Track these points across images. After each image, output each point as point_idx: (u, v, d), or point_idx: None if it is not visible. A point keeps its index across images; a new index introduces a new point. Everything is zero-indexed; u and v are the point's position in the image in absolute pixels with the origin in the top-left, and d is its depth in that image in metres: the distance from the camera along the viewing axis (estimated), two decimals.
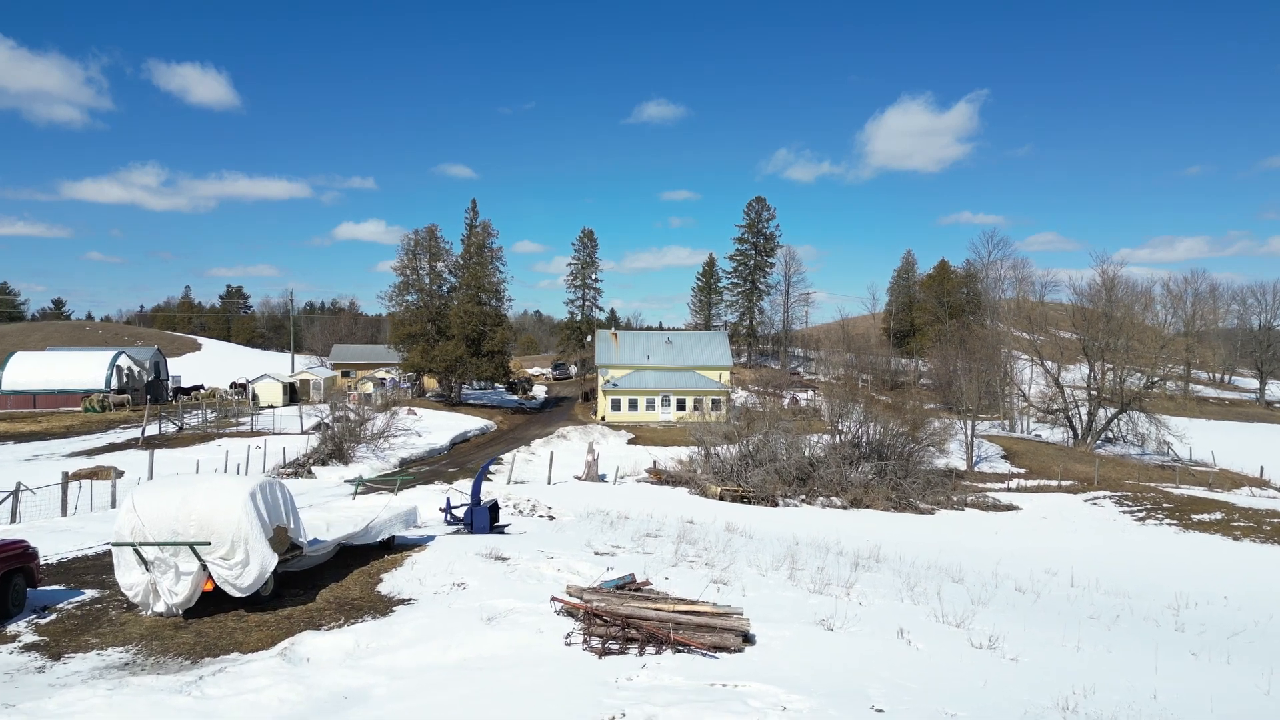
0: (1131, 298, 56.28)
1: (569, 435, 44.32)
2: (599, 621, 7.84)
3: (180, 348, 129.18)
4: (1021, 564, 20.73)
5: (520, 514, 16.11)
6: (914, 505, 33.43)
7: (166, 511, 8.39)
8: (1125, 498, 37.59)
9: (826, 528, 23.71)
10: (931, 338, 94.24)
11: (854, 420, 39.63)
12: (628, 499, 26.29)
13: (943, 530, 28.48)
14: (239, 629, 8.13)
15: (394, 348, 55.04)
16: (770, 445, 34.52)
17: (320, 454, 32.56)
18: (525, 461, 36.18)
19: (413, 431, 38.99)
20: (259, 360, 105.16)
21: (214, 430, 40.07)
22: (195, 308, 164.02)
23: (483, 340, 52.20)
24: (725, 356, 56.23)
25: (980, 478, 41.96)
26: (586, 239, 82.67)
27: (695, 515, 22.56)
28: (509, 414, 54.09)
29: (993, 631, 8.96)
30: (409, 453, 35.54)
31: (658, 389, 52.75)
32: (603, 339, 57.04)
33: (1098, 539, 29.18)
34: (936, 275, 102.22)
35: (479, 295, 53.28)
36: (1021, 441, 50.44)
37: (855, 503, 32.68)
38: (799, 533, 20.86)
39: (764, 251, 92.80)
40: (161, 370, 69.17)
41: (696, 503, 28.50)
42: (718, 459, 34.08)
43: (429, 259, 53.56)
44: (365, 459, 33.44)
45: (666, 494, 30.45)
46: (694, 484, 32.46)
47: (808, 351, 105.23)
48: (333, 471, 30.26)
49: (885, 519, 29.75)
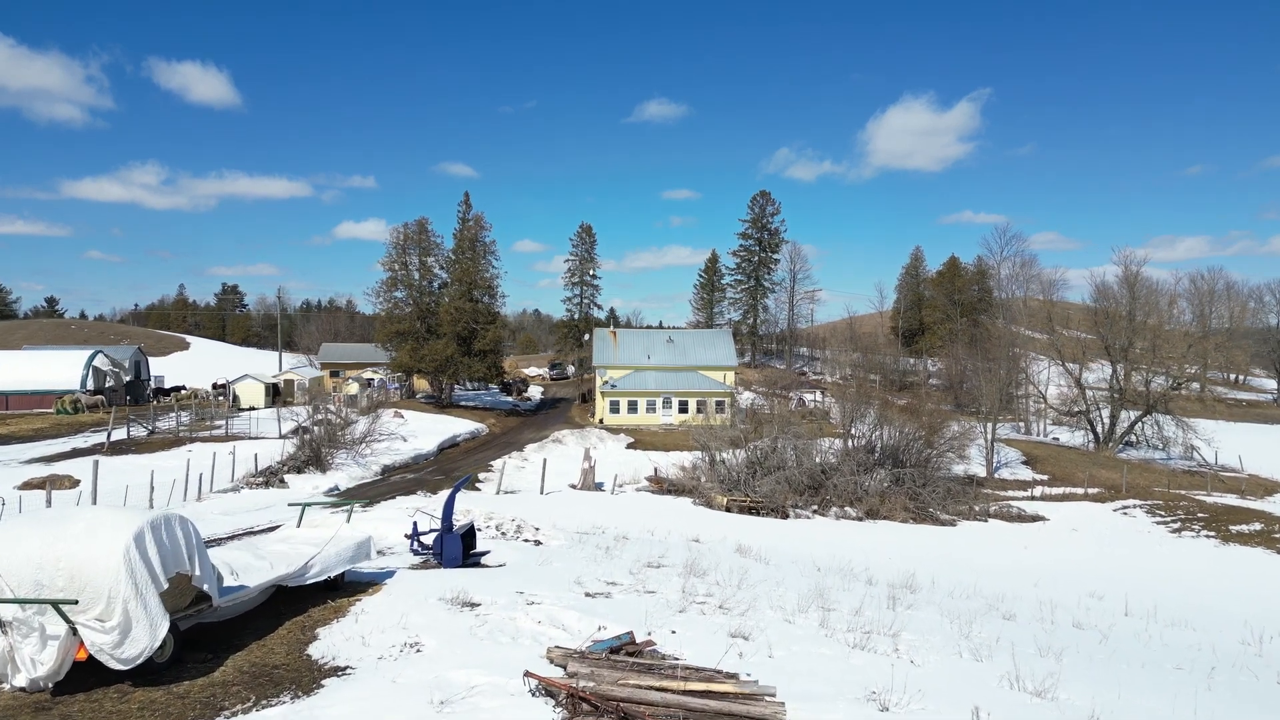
0: (1154, 295, 54.43)
1: (565, 439, 42.49)
2: (586, 707, 6.02)
3: (168, 346, 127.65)
4: (1063, 586, 18.94)
5: (503, 536, 14.28)
6: (934, 516, 31.64)
7: (29, 557, 6.55)
8: (1156, 507, 35.83)
9: (846, 545, 21.91)
10: (941, 336, 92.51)
11: (867, 424, 37.82)
12: (627, 512, 24.47)
13: (969, 546, 26.67)
14: (117, 712, 6.29)
15: (381, 347, 53.18)
16: (780, 452, 32.70)
17: (296, 460, 30.74)
18: (517, 468, 34.36)
19: (397, 436, 37.17)
20: (248, 359, 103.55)
21: (185, 434, 38.23)
22: (190, 306, 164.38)
23: (474, 339, 50.32)
24: (730, 356, 54.40)
25: (1001, 485, 40.15)
26: (584, 234, 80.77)
27: (701, 531, 20.76)
28: (502, 416, 52.26)
29: (1090, 707, 7.13)
30: (392, 459, 33.72)
31: (658, 390, 50.91)
32: (600, 338, 55.20)
33: (1134, 553, 27.41)
34: (946, 272, 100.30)
35: (471, 291, 51.40)
36: (1042, 446, 48.60)
37: (871, 514, 30.89)
38: (817, 552, 19.06)
39: (768, 247, 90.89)
40: (142, 370, 67.32)
41: (701, 515, 26.69)
42: (723, 466, 32.26)
43: (419, 254, 51.69)
44: (345, 466, 31.63)
45: (669, 505, 28.66)
46: (698, 493, 30.66)
47: (813, 351, 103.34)
48: (308, 480, 28.44)
49: (905, 533, 27.93)
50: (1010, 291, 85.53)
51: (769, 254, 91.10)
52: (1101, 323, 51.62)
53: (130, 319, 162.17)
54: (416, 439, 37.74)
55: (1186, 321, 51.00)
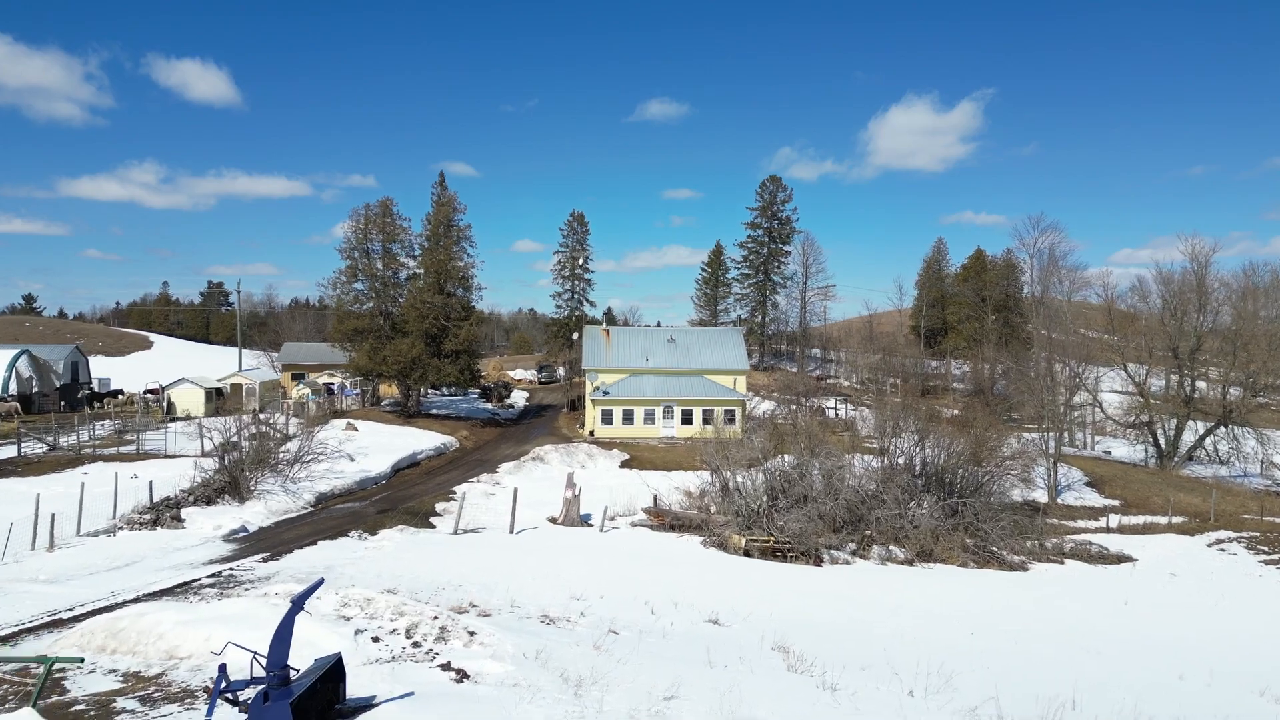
0: (1224, 290, 49.43)
1: (547, 457, 37.30)
2: None
3: (128, 346, 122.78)
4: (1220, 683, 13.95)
5: (410, 656, 9.15)
6: (999, 557, 26.55)
7: None
8: (1256, 541, 30.96)
9: (915, 613, 16.83)
10: (966, 336, 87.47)
11: (908, 439, 32.64)
12: (618, 563, 19.35)
13: (1056, 601, 21.54)
14: None
15: (338, 346, 47.90)
16: (809, 476, 27.56)
17: (207, 489, 25.56)
18: (485, 496, 29.18)
19: (343, 454, 31.97)
20: (213, 360, 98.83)
21: (88, 452, 33.00)
22: (173, 304, 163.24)
23: (445, 337, 45.05)
24: (740, 358, 49.16)
25: (1068, 513, 35.04)
26: (576, 223, 75.28)
27: (720, 599, 15.70)
28: (478, 427, 47.00)
29: None
30: (332, 484, 28.53)
31: (658, 398, 45.71)
32: (591, 337, 49.93)
33: (1264, 611, 22.32)
34: (972, 266, 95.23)
35: (442, 283, 46.13)
36: (1104, 464, 43.50)
37: (924, 555, 25.79)
38: (880, 628, 14.13)
39: (779, 238, 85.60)
40: (81, 372, 62.14)
41: (715, 563, 21.57)
42: (739, 495, 27.08)
43: (382, 239, 46.42)
44: (270, 494, 26.45)
45: (672, 547, 23.53)
46: (708, 530, 25.50)
47: (826, 352, 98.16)
48: (217, 514, 23.26)
49: (973, 583, 22.81)
50: (1045, 288, 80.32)
51: (779, 245, 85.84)
52: (1168, 320, 46.59)
53: (110, 317, 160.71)
54: (367, 457, 32.50)
55: (1270, 319, 45.91)
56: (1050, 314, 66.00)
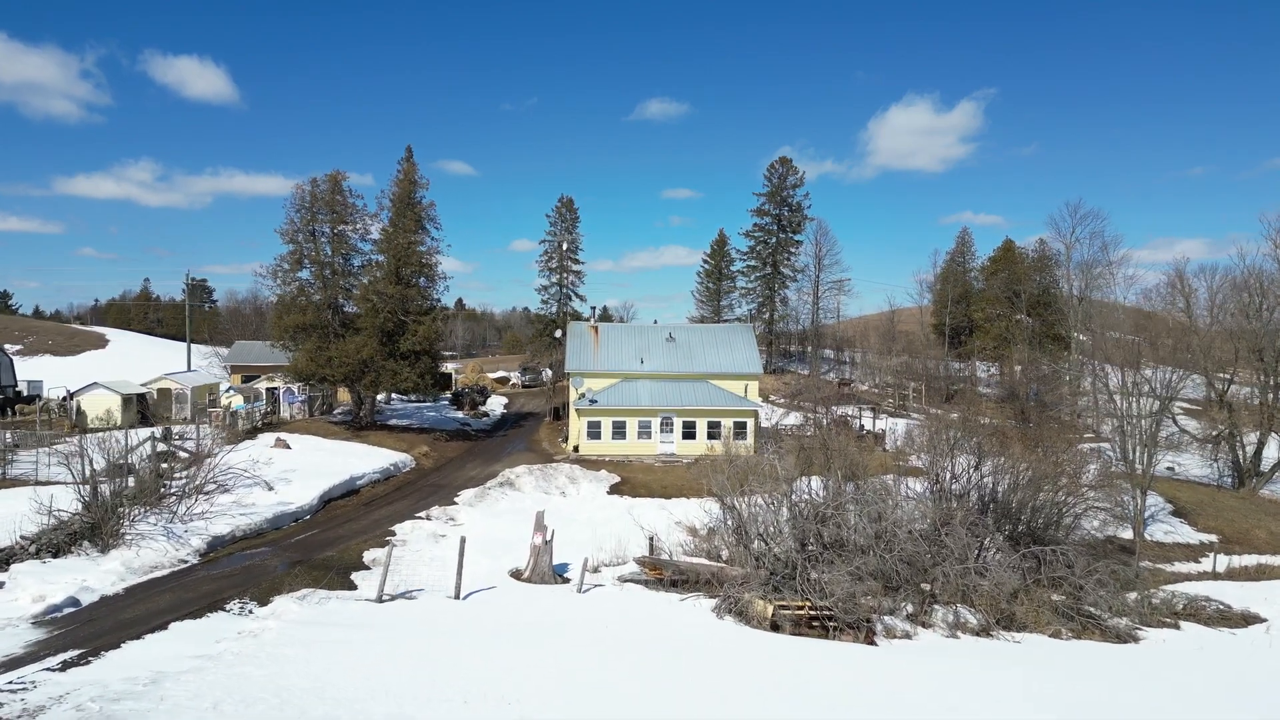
0: None
1: (519, 481, 31.74)
2: None
3: (80, 344, 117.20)
4: None
5: None
6: (1101, 622, 21.14)
7: None
8: None
9: None
10: (995, 336, 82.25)
11: (964, 460, 27.18)
12: (594, 662, 13.81)
13: (1198, 693, 16.10)
14: None
15: (280, 345, 42.23)
16: (849, 515, 22.13)
17: (61, 533, 20.02)
18: (434, 537, 23.61)
19: (259, 481, 26.39)
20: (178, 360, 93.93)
21: None
22: (154, 301, 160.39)
23: (402, 335, 39.40)
24: (753, 360, 43.60)
25: (1161, 553, 29.62)
26: (564, 209, 69.68)
27: None
28: (442, 441, 41.39)
29: None
30: (236, 523, 22.94)
31: (655, 407, 40.17)
32: (577, 335, 44.36)
33: None
34: (1001, 259, 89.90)
35: (400, 270, 40.50)
36: (1184, 486, 38.11)
37: (1005, 622, 20.38)
38: None
39: (789, 226, 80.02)
40: (2, 375, 56.56)
41: (732, 649, 16.08)
42: (761, 542, 21.59)
43: (330, 221, 40.81)
44: (148, 538, 20.92)
45: (675, 620, 18.04)
46: (722, 588, 20.02)
47: (839, 353, 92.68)
48: (59, 572, 17.72)
49: (1088, 666, 17.33)
50: (1083, 283, 74.90)
51: (789, 234, 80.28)
52: (1252, 315, 41.33)
53: (88, 315, 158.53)
54: (290, 485, 26.86)
55: None
56: (1099, 311, 60.74)
